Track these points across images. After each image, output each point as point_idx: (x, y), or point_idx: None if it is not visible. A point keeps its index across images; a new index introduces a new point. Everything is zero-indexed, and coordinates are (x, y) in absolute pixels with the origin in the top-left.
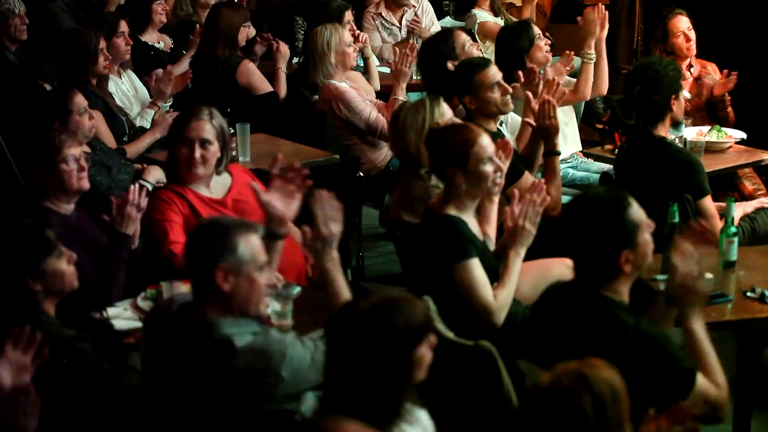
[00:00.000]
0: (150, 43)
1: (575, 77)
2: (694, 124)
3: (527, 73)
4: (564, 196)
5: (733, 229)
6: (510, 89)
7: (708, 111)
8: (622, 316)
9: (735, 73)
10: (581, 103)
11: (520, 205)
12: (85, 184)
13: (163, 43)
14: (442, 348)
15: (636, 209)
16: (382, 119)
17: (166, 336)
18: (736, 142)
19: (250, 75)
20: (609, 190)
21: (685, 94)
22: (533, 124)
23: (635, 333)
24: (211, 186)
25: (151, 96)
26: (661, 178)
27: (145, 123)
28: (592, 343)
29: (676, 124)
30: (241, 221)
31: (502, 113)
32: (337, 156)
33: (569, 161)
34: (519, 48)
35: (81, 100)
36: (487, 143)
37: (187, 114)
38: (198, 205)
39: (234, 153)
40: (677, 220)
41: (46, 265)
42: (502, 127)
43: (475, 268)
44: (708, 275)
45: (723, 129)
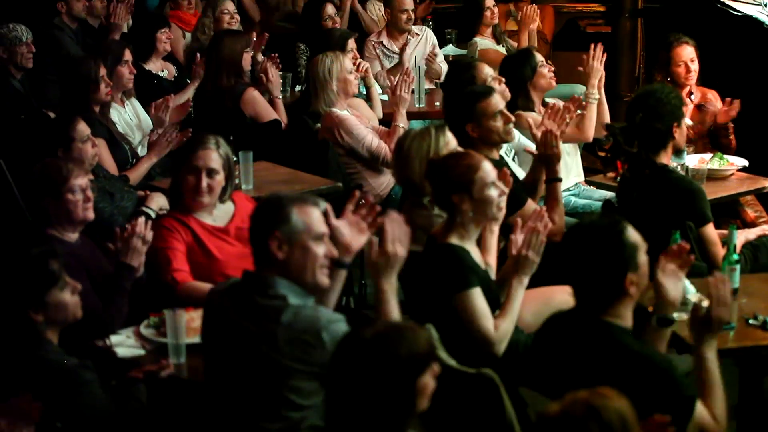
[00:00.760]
0: (154, 72)
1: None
2: (696, 152)
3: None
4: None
5: (735, 256)
6: (512, 118)
7: (710, 138)
8: (626, 341)
9: (738, 100)
10: None
11: (523, 233)
12: (90, 215)
13: (167, 71)
14: (445, 376)
15: (632, 232)
16: (384, 146)
17: (223, 299)
18: (738, 170)
19: (255, 103)
20: (602, 216)
21: (687, 121)
22: (534, 152)
23: (639, 358)
24: (215, 214)
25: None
26: (663, 205)
27: (144, 151)
28: (596, 369)
29: (678, 152)
30: (300, 195)
31: (504, 142)
32: (340, 184)
33: (572, 189)
34: (522, 76)
35: (84, 128)
36: (489, 168)
37: (194, 142)
38: (201, 234)
39: (237, 181)
40: None
41: (49, 297)
42: (509, 153)
43: (477, 298)
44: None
45: (725, 156)
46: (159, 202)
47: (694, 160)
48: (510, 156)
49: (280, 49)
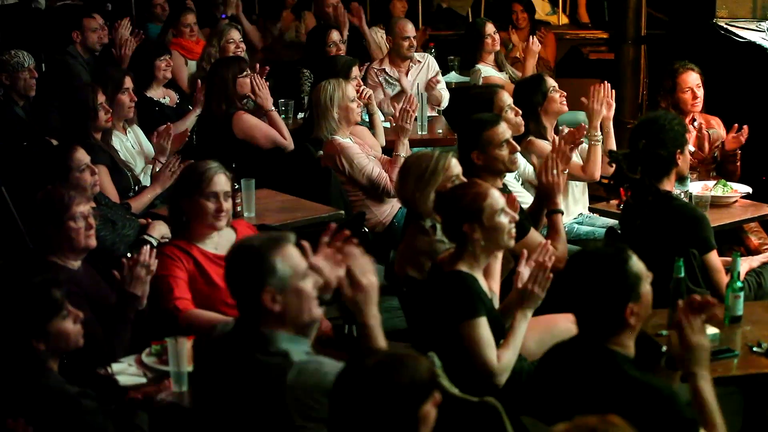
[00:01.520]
0: (156, 99)
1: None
2: (699, 179)
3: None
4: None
5: (738, 284)
6: (518, 147)
7: (716, 165)
8: (628, 370)
9: (745, 127)
10: None
11: (528, 266)
12: (92, 243)
13: (169, 98)
14: (448, 404)
15: (636, 261)
16: (384, 175)
17: (217, 351)
18: (742, 197)
19: (246, 126)
20: (608, 244)
21: (690, 147)
22: (535, 182)
23: (641, 386)
24: (217, 242)
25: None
26: (666, 232)
27: (146, 179)
28: (598, 397)
29: (682, 179)
30: (270, 237)
31: (509, 171)
32: (342, 211)
33: (576, 217)
34: (533, 101)
35: (82, 156)
36: (498, 195)
37: (202, 171)
38: (203, 262)
39: (239, 209)
40: (683, 275)
41: (51, 326)
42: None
43: (482, 327)
44: (712, 330)
45: (728, 183)
46: (161, 230)
47: (697, 187)
48: (518, 182)
49: (284, 76)
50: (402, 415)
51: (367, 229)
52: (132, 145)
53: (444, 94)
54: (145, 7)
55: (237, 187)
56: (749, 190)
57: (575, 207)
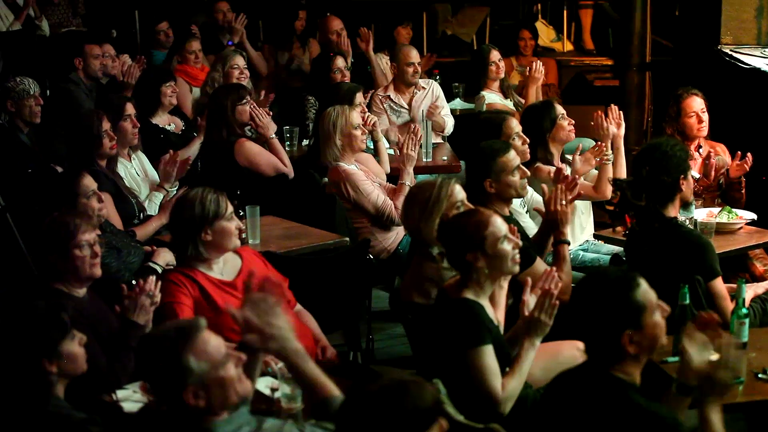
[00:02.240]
0: (161, 126)
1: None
2: (705, 206)
3: (557, 172)
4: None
5: (744, 310)
6: (528, 173)
7: (721, 191)
8: (633, 397)
9: (749, 154)
10: None
11: (534, 294)
12: (98, 271)
13: (174, 125)
14: (453, 431)
15: (644, 290)
16: (389, 203)
17: None
18: (747, 223)
19: (247, 153)
20: (619, 269)
21: (694, 174)
22: (543, 211)
23: (646, 414)
24: (222, 268)
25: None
26: (671, 259)
27: (151, 206)
28: (603, 424)
29: (686, 205)
30: (180, 331)
31: (519, 197)
32: (347, 238)
33: (581, 244)
34: (542, 127)
35: (89, 182)
36: (500, 222)
37: (211, 197)
38: (209, 288)
39: (244, 235)
40: (688, 302)
41: (63, 346)
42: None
43: (488, 355)
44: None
45: (733, 210)
46: (166, 258)
47: (702, 214)
48: (524, 210)
49: (289, 103)
50: None
51: (371, 256)
52: (137, 172)
53: (448, 120)
54: (150, 34)
55: (242, 213)
56: (754, 216)
57: (581, 235)
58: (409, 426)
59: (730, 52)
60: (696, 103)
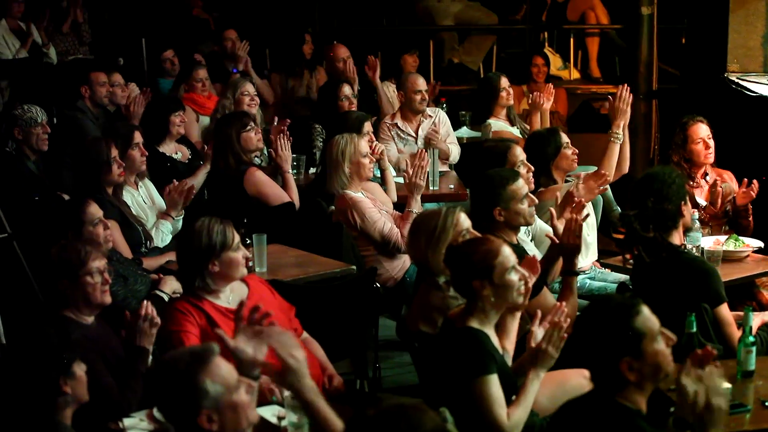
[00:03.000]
0: (168, 154)
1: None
2: (712, 233)
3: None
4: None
5: (751, 338)
6: (536, 201)
7: (728, 219)
8: (639, 425)
9: (755, 181)
10: (599, 212)
11: (542, 327)
12: (107, 299)
13: (181, 153)
14: None
15: (645, 317)
16: (396, 231)
17: None
18: (754, 251)
19: (258, 183)
20: (622, 297)
21: (701, 202)
22: (554, 238)
23: None
24: (229, 296)
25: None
26: (677, 287)
27: (158, 234)
28: None
29: (688, 230)
30: (195, 356)
31: (528, 224)
32: (354, 267)
33: (588, 272)
34: (546, 154)
35: (95, 210)
36: (509, 253)
37: (218, 228)
38: (215, 316)
39: (250, 264)
40: (695, 329)
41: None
42: (527, 235)
43: (493, 384)
44: (726, 385)
45: (740, 238)
46: (172, 286)
47: (709, 242)
48: (528, 238)
49: (296, 131)
50: None
51: (378, 285)
52: (143, 200)
53: (453, 148)
54: (156, 62)
55: (249, 242)
56: (761, 244)
57: (587, 255)
58: None
59: (737, 80)
60: (702, 130)
